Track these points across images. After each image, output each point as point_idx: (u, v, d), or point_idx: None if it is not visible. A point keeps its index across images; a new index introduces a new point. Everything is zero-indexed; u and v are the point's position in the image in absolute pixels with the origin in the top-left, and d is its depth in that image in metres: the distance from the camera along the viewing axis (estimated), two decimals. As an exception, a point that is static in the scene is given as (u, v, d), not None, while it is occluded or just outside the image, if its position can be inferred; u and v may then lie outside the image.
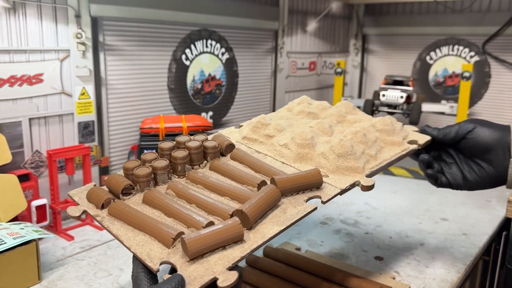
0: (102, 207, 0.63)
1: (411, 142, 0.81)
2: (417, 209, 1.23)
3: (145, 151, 1.12)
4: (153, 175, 0.66)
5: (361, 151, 0.72)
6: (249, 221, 0.55)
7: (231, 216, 0.57)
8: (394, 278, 0.82)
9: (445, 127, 0.82)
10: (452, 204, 1.28)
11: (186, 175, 0.69)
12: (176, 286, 0.47)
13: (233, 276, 0.49)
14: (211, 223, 0.56)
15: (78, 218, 0.64)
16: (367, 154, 0.73)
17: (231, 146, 0.74)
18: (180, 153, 0.69)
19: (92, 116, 1.12)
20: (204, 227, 0.55)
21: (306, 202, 0.62)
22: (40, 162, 1.03)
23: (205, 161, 0.72)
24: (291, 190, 0.63)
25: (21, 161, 1.00)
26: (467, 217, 1.18)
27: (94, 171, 1.15)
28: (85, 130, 1.11)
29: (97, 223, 1.08)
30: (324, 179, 0.66)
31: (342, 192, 0.65)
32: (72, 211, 0.64)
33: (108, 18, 1.12)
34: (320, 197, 0.63)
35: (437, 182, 0.83)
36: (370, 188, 0.67)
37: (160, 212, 0.61)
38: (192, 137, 0.74)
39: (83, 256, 0.92)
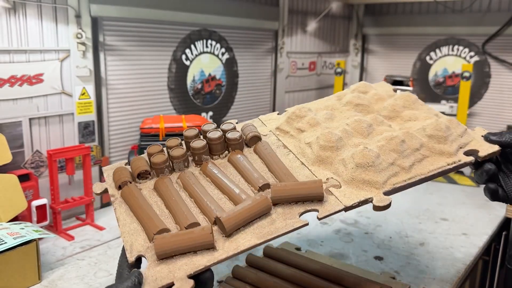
0: (119, 188, 0.66)
1: (469, 153, 0.68)
2: (417, 209, 1.23)
3: (145, 151, 1.12)
4: (169, 162, 0.68)
5: (390, 162, 0.64)
6: (225, 230, 0.55)
7: (214, 221, 0.58)
8: (394, 278, 0.82)
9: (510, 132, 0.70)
10: (452, 204, 1.28)
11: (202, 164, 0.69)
12: (133, 283, 0.49)
13: (189, 284, 0.50)
14: (193, 225, 0.57)
15: (100, 195, 0.68)
16: (397, 165, 0.64)
17: (256, 138, 0.73)
18: (198, 143, 0.69)
19: (92, 116, 1.12)
20: (186, 228, 0.57)
21: (300, 215, 0.59)
22: (40, 162, 1.03)
23: (226, 152, 0.71)
24: (287, 200, 0.60)
25: (22, 161, 1.00)
26: (467, 217, 1.18)
27: (94, 171, 1.15)
28: (85, 130, 1.11)
29: (97, 223, 1.08)
30: (334, 190, 0.61)
31: (347, 209, 0.59)
32: (96, 187, 0.68)
33: (108, 18, 1.12)
34: (317, 211, 0.59)
35: (494, 196, 0.70)
36: (383, 208, 0.59)
37: (162, 202, 0.63)
38: (219, 127, 0.73)
39: (83, 256, 0.92)
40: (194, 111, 1.41)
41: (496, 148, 0.68)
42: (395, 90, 0.86)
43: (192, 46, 1.36)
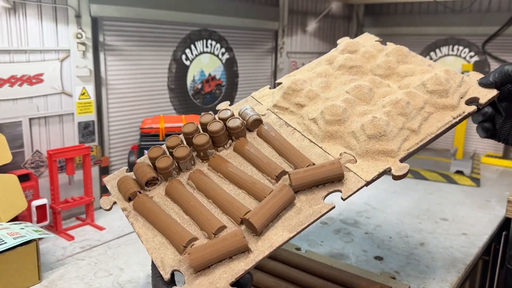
0: (129, 200, 0.64)
1: (470, 101, 0.68)
2: (417, 209, 1.23)
3: (145, 151, 1.12)
4: (176, 164, 0.65)
5: (399, 127, 0.63)
6: (256, 230, 0.54)
7: (241, 221, 0.57)
8: (394, 278, 0.82)
9: (501, 71, 0.69)
10: (452, 204, 1.28)
11: (209, 160, 0.67)
12: None
13: None
14: (220, 229, 0.56)
15: (109, 210, 0.65)
16: (407, 128, 0.64)
17: (257, 122, 0.70)
18: (201, 139, 0.66)
19: (92, 116, 1.12)
20: (214, 233, 0.55)
21: (324, 198, 0.57)
22: (40, 162, 1.03)
23: (229, 141, 0.68)
24: (308, 186, 0.58)
25: (22, 161, 1.00)
26: (467, 217, 1.18)
27: (94, 171, 1.15)
28: (85, 130, 1.11)
29: (97, 223, 1.08)
30: (351, 166, 0.60)
31: (368, 183, 0.58)
32: (104, 203, 0.65)
33: (108, 18, 1.12)
34: (340, 191, 0.57)
35: (487, 132, 0.72)
36: (403, 176, 0.59)
37: (179, 208, 0.61)
38: (216, 115, 0.70)
39: (83, 256, 0.92)
40: (194, 111, 1.41)
41: (494, 92, 0.68)
42: (380, 41, 0.85)
43: (192, 46, 1.36)
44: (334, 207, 0.56)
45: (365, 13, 2.09)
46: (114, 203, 0.65)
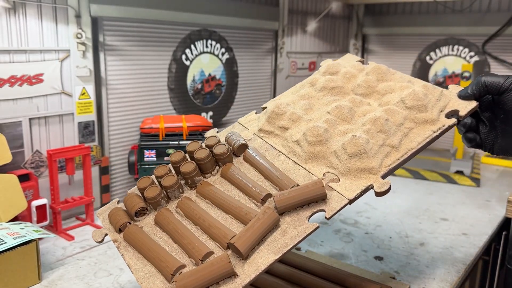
0: (120, 231, 0.65)
1: (450, 114, 0.69)
2: (417, 209, 1.23)
3: (145, 151, 1.12)
4: (164, 193, 0.67)
5: (380, 144, 0.64)
6: (242, 254, 0.55)
7: (227, 245, 0.57)
8: (394, 278, 0.82)
9: (477, 83, 0.69)
10: (452, 204, 1.28)
11: (197, 187, 0.68)
12: None
13: None
14: (207, 255, 0.57)
15: (101, 242, 0.67)
16: (387, 145, 0.64)
17: (243, 147, 0.71)
18: (187, 167, 0.67)
19: (92, 116, 1.12)
20: (201, 259, 0.56)
21: (309, 219, 0.58)
22: (40, 162, 1.03)
23: (217, 167, 0.70)
24: (292, 207, 0.59)
25: (21, 161, 1.00)
26: (467, 217, 1.18)
27: (94, 171, 1.15)
28: (85, 130, 1.11)
29: (97, 223, 1.08)
30: (334, 185, 0.61)
31: (351, 201, 0.59)
32: (96, 235, 0.67)
33: (108, 18, 1.12)
34: (324, 211, 0.58)
35: (472, 143, 0.74)
36: (385, 193, 0.60)
37: (168, 237, 0.62)
38: (202, 143, 0.71)
39: (83, 256, 0.92)
40: (194, 111, 1.41)
41: (474, 103, 0.69)
42: (361, 61, 0.86)
43: (192, 46, 1.36)
44: (318, 227, 0.57)
45: (365, 13, 2.09)
46: (106, 235, 0.67)
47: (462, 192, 1.38)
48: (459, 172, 1.50)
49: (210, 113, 1.47)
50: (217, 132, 0.78)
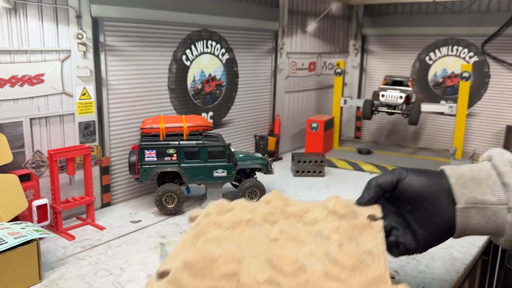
0: None
1: (370, 218, 0.63)
2: (417, 209, 1.23)
3: (146, 151, 1.12)
4: None
5: (360, 251, 0.54)
6: None
7: None
8: (393, 278, 0.82)
9: (370, 187, 0.66)
10: (451, 204, 1.28)
11: None
12: None
13: None
14: None
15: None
16: (363, 252, 0.54)
17: None
18: None
19: (93, 116, 1.13)
20: None
21: None
22: (41, 162, 1.04)
23: None
24: None
25: (22, 161, 1.00)
26: (467, 217, 1.18)
27: (95, 171, 1.15)
28: (86, 130, 1.12)
29: (98, 223, 1.08)
30: None
31: None
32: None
33: (109, 19, 1.13)
34: None
35: (396, 251, 0.67)
36: None
37: None
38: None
39: (84, 255, 0.92)
40: (194, 111, 1.41)
41: (377, 208, 0.65)
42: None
43: (193, 47, 1.37)
44: None
45: (365, 14, 2.09)
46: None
47: (462, 192, 1.38)
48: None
49: (211, 113, 1.48)
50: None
